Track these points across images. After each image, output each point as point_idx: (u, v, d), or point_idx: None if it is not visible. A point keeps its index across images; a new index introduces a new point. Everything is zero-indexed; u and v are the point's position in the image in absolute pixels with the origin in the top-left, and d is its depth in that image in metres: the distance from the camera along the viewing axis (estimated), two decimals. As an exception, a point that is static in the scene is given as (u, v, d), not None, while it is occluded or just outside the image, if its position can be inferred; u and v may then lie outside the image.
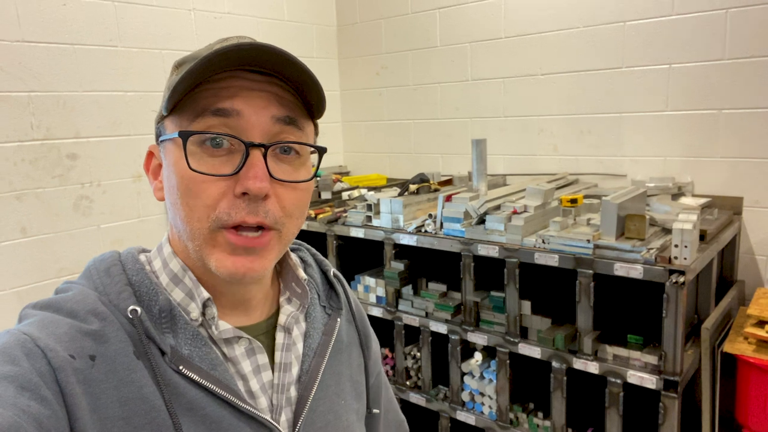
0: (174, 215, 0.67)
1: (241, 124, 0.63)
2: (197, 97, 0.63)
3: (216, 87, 0.63)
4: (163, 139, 0.67)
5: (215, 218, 0.63)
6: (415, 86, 3.23)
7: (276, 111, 0.65)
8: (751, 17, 2.15)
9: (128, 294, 0.66)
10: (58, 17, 2.30)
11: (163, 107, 0.66)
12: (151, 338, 0.64)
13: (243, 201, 0.63)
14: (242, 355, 0.70)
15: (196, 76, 0.61)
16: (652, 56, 2.39)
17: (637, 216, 1.82)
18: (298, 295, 0.79)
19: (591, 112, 2.60)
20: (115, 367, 0.61)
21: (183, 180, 0.64)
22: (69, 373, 0.57)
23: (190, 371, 0.64)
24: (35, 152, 2.28)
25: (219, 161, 0.63)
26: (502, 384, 2.13)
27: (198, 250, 0.65)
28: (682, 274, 1.66)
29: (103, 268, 0.68)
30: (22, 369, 0.55)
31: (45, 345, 0.58)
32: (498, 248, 2.03)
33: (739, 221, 2.24)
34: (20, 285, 2.27)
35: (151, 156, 0.73)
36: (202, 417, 0.64)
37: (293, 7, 3.29)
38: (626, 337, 1.91)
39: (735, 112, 2.24)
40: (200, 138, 0.63)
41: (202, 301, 0.68)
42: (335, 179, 3.01)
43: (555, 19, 2.64)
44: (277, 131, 0.65)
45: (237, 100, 0.63)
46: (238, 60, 0.62)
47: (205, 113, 0.63)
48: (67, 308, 0.63)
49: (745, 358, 1.75)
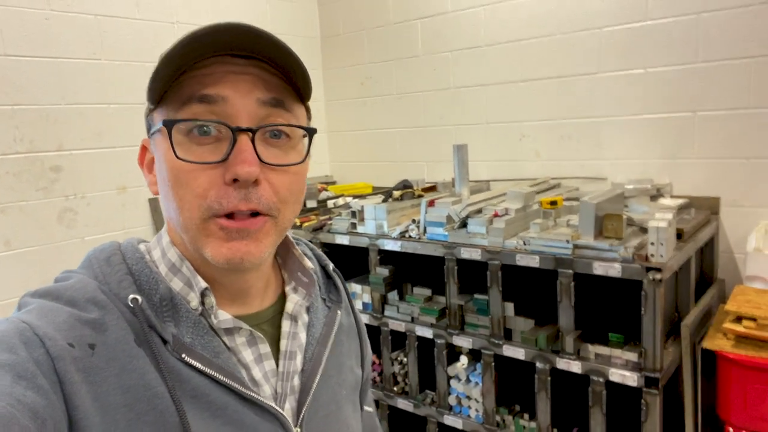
0: (167, 207, 0.66)
1: (227, 109, 0.62)
2: (182, 86, 0.62)
3: (199, 74, 0.62)
4: (153, 132, 0.67)
5: (207, 207, 0.62)
6: (399, 95, 3.27)
7: (261, 94, 0.64)
8: (723, 21, 2.20)
9: (129, 283, 0.65)
10: (41, 31, 2.32)
11: (148, 98, 0.65)
12: (153, 327, 0.63)
13: (234, 188, 0.62)
14: (243, 345, 0.70)
15: (176, 61, 0.60)
16: (628, 61, 2.44)
17: (615, 216, 1.85)
18: (304, 284, 0.78)
19: (571, 117, 2.65)
20: (115, 354, 0.60)
21: (172, 171, 0.63)
22: (68, 362, 0.57)
23: (192, 359, 0.64)
24: (19, 165, 2.28)
25: (207, 149, 0.62)
26: (488, 386, 2.15)
27: (193, 241, 0.65)
28: (659, 272, 1.69)
29: (103, 257, 0.68)
30: (20, 357, 0.55)
31: (43, 333, 0.57)
32: (480, 251, 2.05)
33: (717, 221, 2.27)
34: (5, 298, 2.26)
35: (144, 150, 0.72)
36: (207, 404, 0.63)
37: (277, 18, 3.33)
38: (607, 335, 1.93)
39: (710, 114, 2.29)
40: (186, 126, 0.62)
41: (199, 291, 0.67)
42: (320, 188, 3.02)
43: (533, 26, 2.69)
44: (264, 115, 0.64)
45: (221, 85, 0.62)
46: (216, 43, 0.61)
47: (191, 101, 0.62)
48: (66, 296, 0.62)
49: (724, 353, 1.78)
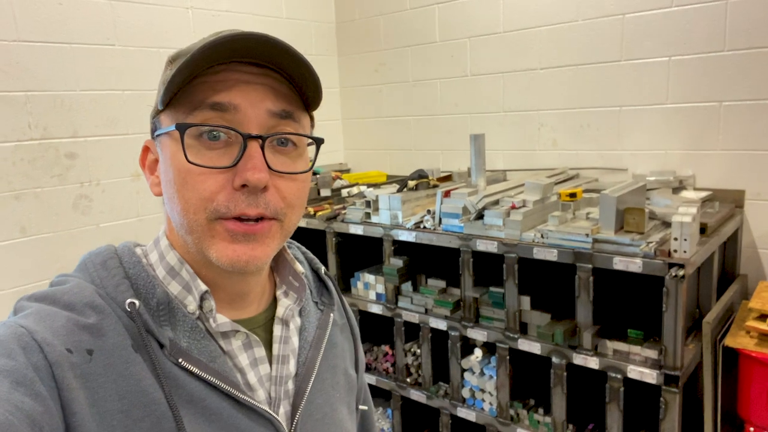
0: (171, 209, 0.66)
1: (237, 117, 0.63)
2: (193, 91, 0.63)
3: (212, 80, 0.63)
4: (159, 133, 0.67)
5: (213, 210, 0.62)
6: (414, 82, 3.22)
7: (272, 105, 0.65)
8: (751, 8, 2.12)
9: (126, 287, 0.65)
10: (55, 17, 2.30)
11: (158, 101, 0.66)
12: (150, 331, 0.64)
13: (242, 194, 0.62)
14: (239, 349, 0.70)
15: (191, 68, 0.61)
16: (651, 49, 2.37)
17: (637, 209, 1.80)
18: (295, 288, 0.79)
19: (590, 106, 2.58)
20: (113, 360, 0.60)
21: (180, 173, 0.63)
22: (66, 368, 0.57)
23: (189, 364, 0.64)
24: (33, 152, 2.28)
25: (216, 154, 0.63)
26: (502, 380, 2.12)
27: (197, 243, 0.65)
28: (682, 268, 1.64)
29: (99, 261, 0.68)
30: (18, 363, 0.55)
31: (42, 339, 0.57)
32: (497, 243, 2.02)
33: (741, 215, 2.21)
34: (20, 284, 2.27)
35: (146, 151, 0.72)
36: (202, 409, 0.64)
37: (292, 4, 3.28)
38: (626, 331, 1.90)
39: (736, 104, 2.22)
40: (197, 131, 0.63)
41: (199, 294, 0.67)
42: (335, 176, 3.00)
43: (554, 12, 2.62)
44: (273, 124, 0.65)
45: (233, 93, 0.63)
46: (233, 52, 0.62)
47: (202, 106, 0.62)
48: (64, 300, 0.62)
49: (746, 352, 1.73)
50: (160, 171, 0.69)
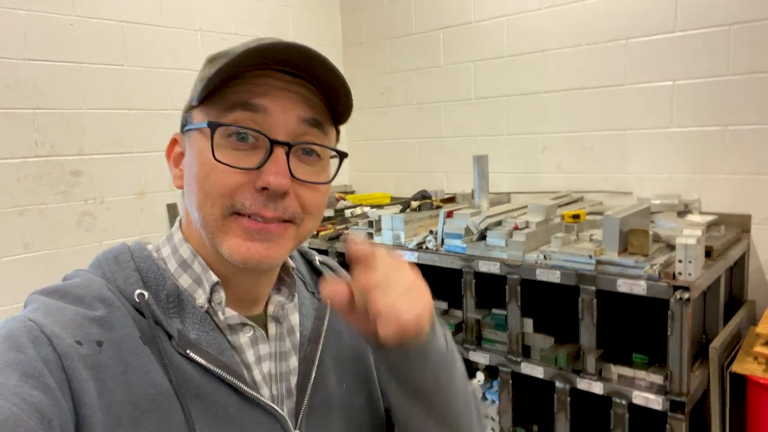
0: (189, 202, 0.68)
1: (268, 121, 0.64)
2: (228, 92, 0.65)
3: (248, 83, 0.65)
4: (189, 128, 0.69)
5: (230, 205, 0.64)
6: (419, 105, 3.24)
7: (303, 112, 0.66)
8: (755, 33, 2.13)
9: (135, 279, 0.66)
10: (65, 36, 2.34)
11: (194, 97, 0.67)
12: (159, 322, 0.64)
13: (262, 196, 0.64)
14: (247, 344, 0.71)
15: (231, 69, 0.63)
16: (655, 73, 2.38)
17: (641, 231, 1.78)
18: (286, 283, 0.79)
19: (595, 129, 2.58)
20: (122, 352, 0.61)
21: (204, 168, 0.65)
22: (75, 360, 0.57)
23: (197, 355, 0.64)
24: (39, 168, 2.30)
25: (242, 155, 0.64)
26: (505, 405, 2.08)
27: (211, 237, 0.66)
28: (687, 291, 1.62)
29: (111, 256, 0.70)
30: (28, 356, 0.55)
31: (51, 332, 0.57)
32: (499, 264, 2.00)
33: (748, 239, 2.19)
34: (22, 300, 2.26)
35: (173, 144, 0.74)
36: (210, 403, 0.64)
37: (299, 27, 3.33)
38: (631, 356, 1.86)
39: (741, 129, 2.21)
40: (227, 131, 0.64)
41: (210, 285, 0.68)
42: (338, 197, 3.00)
43: (558, 37, 2.64)
44: (301, 132, 0.66)
45: (267, 98, 0.64)
46: (272, 58, 0.64)
47: (235, 107, 0.64)
48: (73, 294, 0.63)
49: (754, 378, 1.70)
50: (184, 164, 0.70)
